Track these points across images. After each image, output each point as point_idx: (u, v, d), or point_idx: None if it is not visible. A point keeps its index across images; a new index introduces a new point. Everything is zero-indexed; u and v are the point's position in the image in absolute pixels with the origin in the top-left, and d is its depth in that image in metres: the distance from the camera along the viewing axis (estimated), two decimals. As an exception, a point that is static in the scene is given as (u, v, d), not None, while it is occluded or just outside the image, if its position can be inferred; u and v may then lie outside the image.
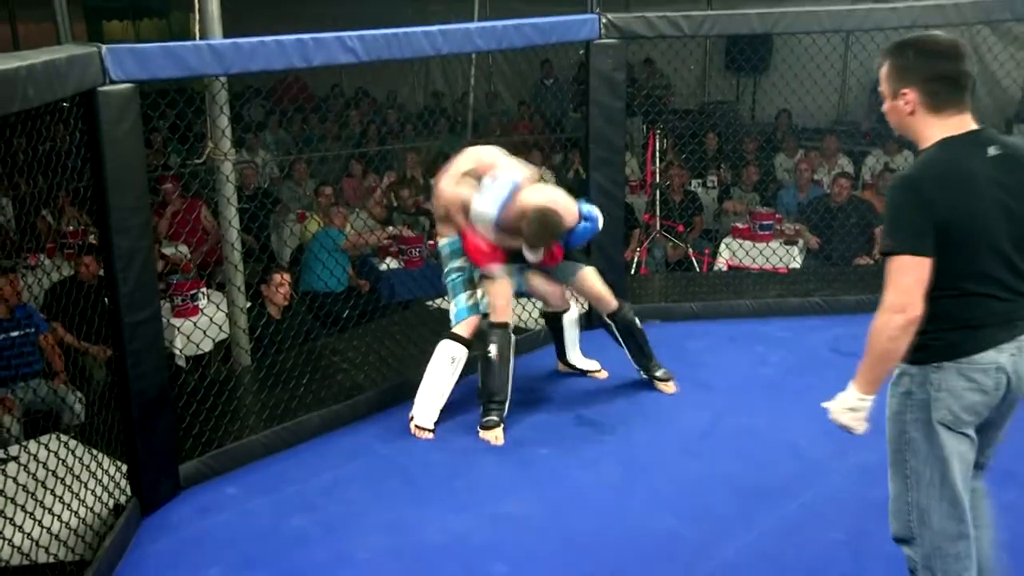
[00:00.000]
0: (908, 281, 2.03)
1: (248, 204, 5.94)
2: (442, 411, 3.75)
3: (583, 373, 4.22)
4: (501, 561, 2.82)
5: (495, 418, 3.62)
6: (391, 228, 6.40)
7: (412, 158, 8.02)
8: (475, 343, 3.72)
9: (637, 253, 6.33)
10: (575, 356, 4.22)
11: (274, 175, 8.26)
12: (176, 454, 3.29)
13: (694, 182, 7.44)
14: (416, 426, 3.67)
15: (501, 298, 3.65)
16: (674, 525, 2.98)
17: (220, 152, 4.00)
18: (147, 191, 3.08)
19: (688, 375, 4.18)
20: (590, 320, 4.76)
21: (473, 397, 3.81)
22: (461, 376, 3.76)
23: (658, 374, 4.01)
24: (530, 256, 3.59)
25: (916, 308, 2.04)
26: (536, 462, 3.46)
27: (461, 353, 3.68)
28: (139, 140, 2.99)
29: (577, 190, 4.32)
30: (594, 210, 3.77)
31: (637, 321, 4.01)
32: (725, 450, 3.48)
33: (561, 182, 7.73)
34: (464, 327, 3.70)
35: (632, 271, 6.16)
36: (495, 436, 3.60)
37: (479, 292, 3.71)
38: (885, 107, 2.18)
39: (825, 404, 2.20)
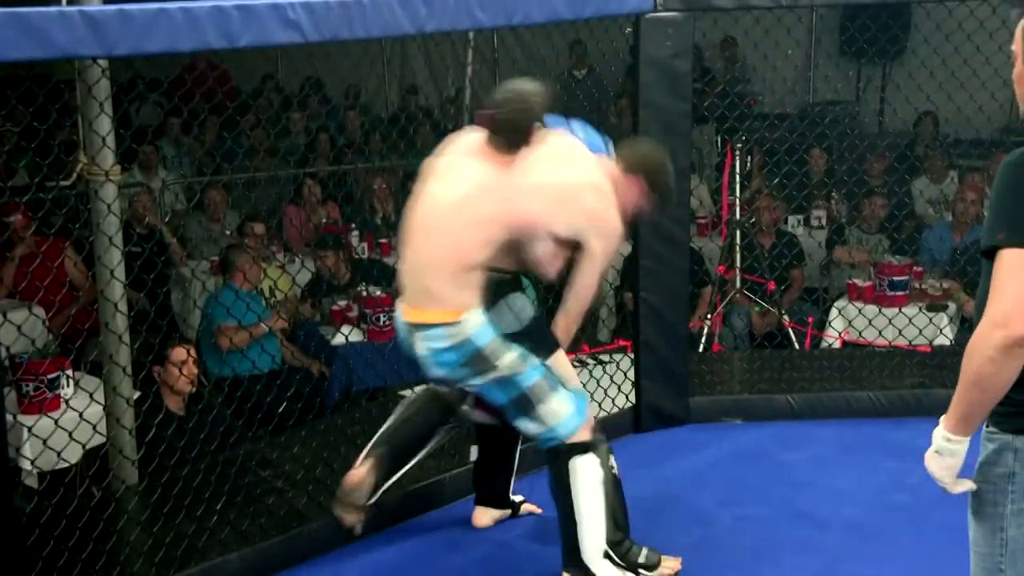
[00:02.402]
0: (1019, 287, 2.12)
1: (140, 247, 5.98)
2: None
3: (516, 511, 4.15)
4: None
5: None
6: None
7: (380, 183, 8.07)
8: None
9: (708, 321, 6.33)
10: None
11: (178, 205, 8.31)
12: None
13: (792, 219, 7.48)
14: None
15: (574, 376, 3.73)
16: None
17: (98, 170, 4.03)
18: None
19: (784, 503, 4.16)
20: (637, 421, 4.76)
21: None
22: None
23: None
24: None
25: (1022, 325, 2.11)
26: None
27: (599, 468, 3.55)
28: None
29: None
30: None
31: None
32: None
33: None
34: (587, 430, 3.58)
35: (701, 347, 6.16)
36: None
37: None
38: (1015, 72, 2.29)
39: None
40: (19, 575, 3.26)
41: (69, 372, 5.08)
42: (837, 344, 6.24)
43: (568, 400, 3.54)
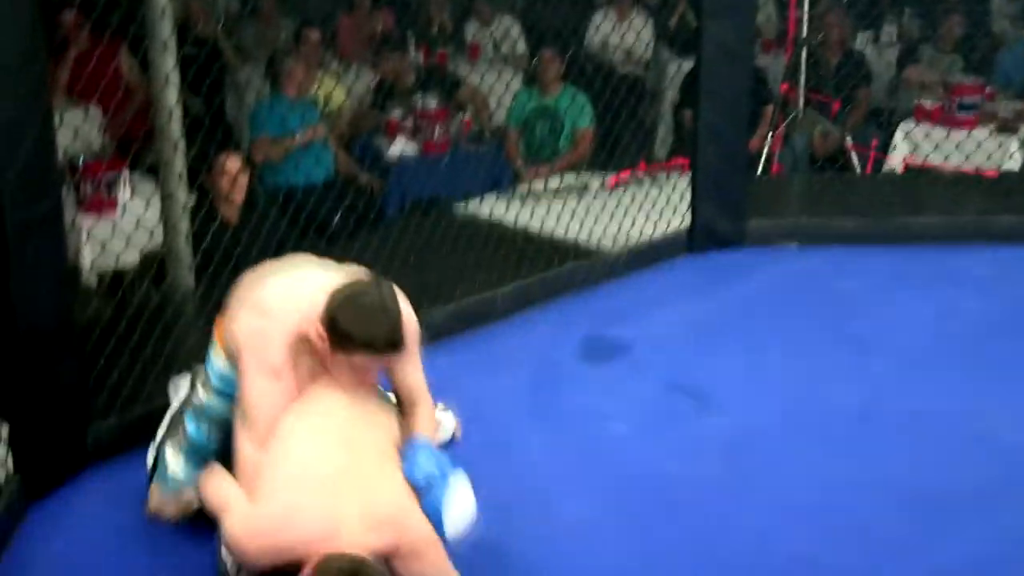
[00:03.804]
0: None
1: (195, 49, 5.92)
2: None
3: None
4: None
5: None
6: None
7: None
8: None
9: (768, 141, 6.23)
10: None
11: (232, 9, 8.20)
12: (84, 413, 3.34)
13: (861, 36, 7.28)
14: None
15: None
16: (809, 548, 2.98)
17: (152, -31, 3.98)
18: (41, 28, 3.06)
19: (836, 329, 4.15)
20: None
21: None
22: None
23: None
24: None
25: None
26: (607, 444, 3.49)
27: None
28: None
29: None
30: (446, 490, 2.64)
31: None
32: (889, 443, 3.47)
33: (661, 35, 7.66)
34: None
35: (760, 169, 6.08)
36: None
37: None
38: None
39: None
40: (80, 374, 3.35)
41: (126, 175, 5.12)
42: (900, 168, 6.14)
43: None
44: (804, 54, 6.36)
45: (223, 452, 2.86)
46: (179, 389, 3.27)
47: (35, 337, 3.15)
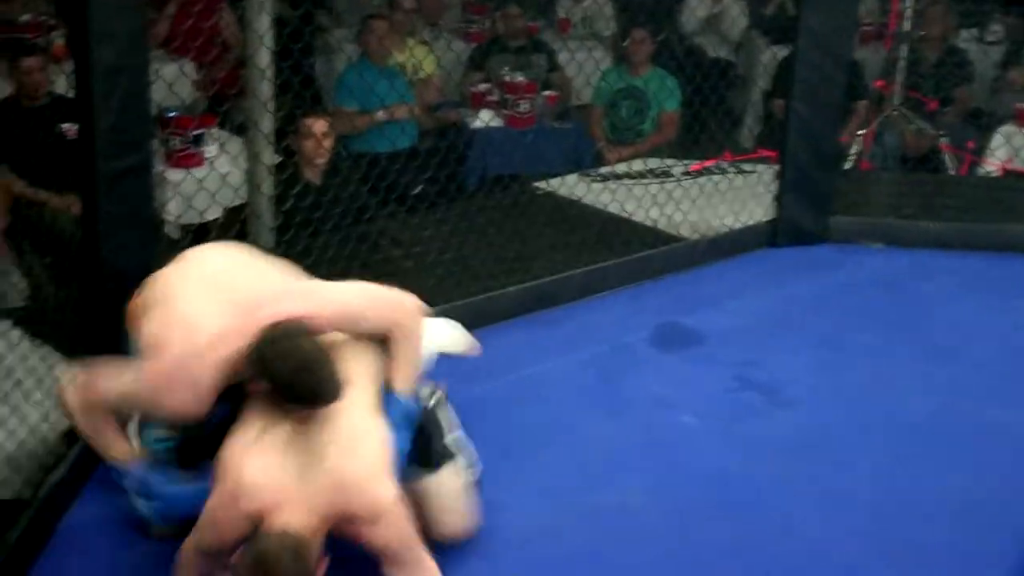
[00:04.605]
0: None
1: (291, 10, 5.96)
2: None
3: None
4: (592, 573, 2.86)
5: None
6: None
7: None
8: None
9: (860, 138, 6.13)
10: None
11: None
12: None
13: (965, 33, 7.12)
14: None
15: None
16: (863, 559, 2.96)
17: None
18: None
19: (912, 334, 4.11)
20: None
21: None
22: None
23: None
24: None
25: None
26: (669, 434, 3.49)
27: None
28: None
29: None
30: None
31: None
32: (956, 454, 3.43)
33: (755, 22, 7.55)
34: None
35: (849, 164, 5.99)
36: None
37: None
38: None
39: None
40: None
41: (215, 131, 5.18)
42: (997, 172, 6.01)
43: None
44: (904, 50, 6.24)
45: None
46: None
47: (119, 287, 3.22)
